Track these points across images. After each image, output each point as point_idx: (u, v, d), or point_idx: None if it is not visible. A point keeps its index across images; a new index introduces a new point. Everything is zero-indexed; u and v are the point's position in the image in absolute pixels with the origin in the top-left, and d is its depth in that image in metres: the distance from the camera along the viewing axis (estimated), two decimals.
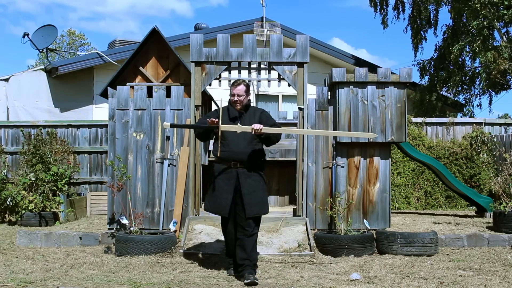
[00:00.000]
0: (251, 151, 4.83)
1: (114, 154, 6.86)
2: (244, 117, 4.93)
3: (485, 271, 5.00)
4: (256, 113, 5.00)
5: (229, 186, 4.81)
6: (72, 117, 11.34)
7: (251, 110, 5.02)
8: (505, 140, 9.87)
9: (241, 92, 4.92)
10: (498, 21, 12.29)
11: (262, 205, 4.85)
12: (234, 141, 4.82)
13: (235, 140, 4.82)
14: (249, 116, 4.94)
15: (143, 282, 4.60)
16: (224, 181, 4.84)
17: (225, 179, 4.84)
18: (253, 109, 5.07)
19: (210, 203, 4.93)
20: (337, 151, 6.87)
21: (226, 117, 4.91)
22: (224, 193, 4.82)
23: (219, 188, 4.85)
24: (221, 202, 4.82)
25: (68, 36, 27.75)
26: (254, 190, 4.81)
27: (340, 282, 4.61)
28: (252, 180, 4.82)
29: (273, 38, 6.86)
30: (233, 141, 4.82)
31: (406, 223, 7.43)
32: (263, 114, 5.03)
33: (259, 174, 4.90)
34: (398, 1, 15.31)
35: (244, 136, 4.82)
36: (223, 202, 4.81)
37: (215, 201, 4.88)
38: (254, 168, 4.85)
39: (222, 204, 4.82)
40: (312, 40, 11.03)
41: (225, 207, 4.81)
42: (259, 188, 4.85)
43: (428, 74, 15.00)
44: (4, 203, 8.20)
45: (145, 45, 7.49)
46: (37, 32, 12.08)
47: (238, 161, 4.80)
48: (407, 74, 6.79)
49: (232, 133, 4.81)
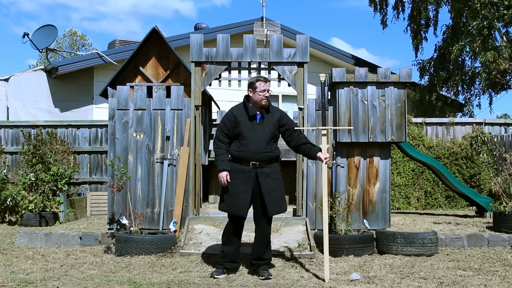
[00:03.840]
0: (270, 151, 4.84)
1: (114, 154, 6.86)
2: (266, 116, 4.88)
3: (485, 271, 4.99)
4: (275, 113, 4.94)
5: (247, 186, 4.78)
6: (72, 117, 11.34)
7: (271, 109, 4.94)
8: (505, 140, 9.87)
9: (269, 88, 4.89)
10: (498, 21, 12.29)
11: (282, 203, 4.90)
12: (254, 141, 4.78)
13: (254, 140, 4.78)
14: (271, 115, 4.90)
15: (143, 282, 4.60)
16: (242, 181, 4.78)
17: (243, 179, 4.78)
18: (272, 108, 4.98)
19: (228, 203, 4.82)
20: (337, 151, 6.87)
21: (245, 115, 4.84)
22: (242, 193, 4.77)
23: (236, 188, 4.78)
24: (239, 202, 4.76)
25: (70, 37, 27.77)
26: (274, 189, 4.82)
27: (340, 282, 4.61)
28: (271, 179, 4.83)
29: (273, 38, 6.86)
30: (252, 141, 4.78)
31: (406, 223, 7.43)
32: (283, 115, 4.99)
33: (277, 173, 4.92)
34: (397, 1, 15.32)
35: (263, 136, 4.81)
36: (242, 202, 4.76)
37: (233, 201, 4.78)
38: (272, 167, 4.87)
39: (240, 204, 4.76)
40: (312, 40, 11.04)
41: (243, 207, 4.77)
42: (278, 187, 4.88)
43: (428, 74, 15.01)
44: (4, 203, 8.20)
45: (145, 45, 7.49)
46: (37, 32, 12.09)
47: (258, 161, 4.78)
48: (407, 74, 6.79)
49: (252, 133, 4.78)
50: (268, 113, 4.90)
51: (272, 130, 4.87)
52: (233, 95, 10.53)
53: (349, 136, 6.76)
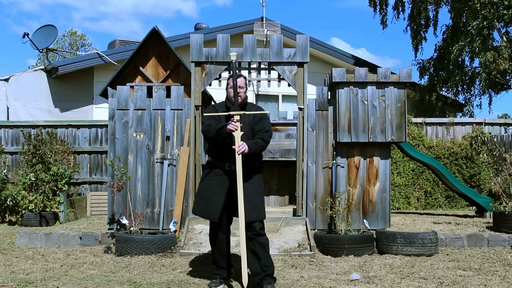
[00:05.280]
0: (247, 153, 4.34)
1: (114, 154, 6.86)
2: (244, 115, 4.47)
3: (485, 271, 4.99)
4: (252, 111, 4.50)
5: (221, 189, 4.40)
6: (72, 117, 11.34)
7: (248, 107, 4.56)
8: (505, 140, 9.87)
9: (242, 84, 4.51)
10: (498, 21, 12.29)
11: (261, 209, 4.40)
12: (229, 143, 4.37)
13: (230, 141, 4.38)
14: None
15: (143, 282, 4.60)
16: (217, 183, 4.42)
17: (218, 181, 4.42)
18: (250, 106, 4.61)
19: (199, 206, 4.49)
20: (337, 151, 6.87)
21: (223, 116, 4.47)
22: (215, 195, 4.40)
23: (210, 190, 4.43)
24: (210, 205, 4.40)
25: (70, 36, 27.78)
26: (251, 193, 4.35)
27: (340, 282, 4.61)
28: (249, 183, 4.37)
29: (273, 38, 6.86)
30: (230, 143, 4.38)
31: (406, 223, 7.44)
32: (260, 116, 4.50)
33: (256, 177, 4.46)
34: (397, 1, 15.32)
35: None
36: (213, 206, 4.39)
37: (204, 204, 4.43)
38: (250, 171, 4.40)
39: (212, 208, 4.39)
40: (312, 40, 11.04)
41: (215, 211, 4.39)
42: (256, 191, 4.41)
43: (428, 74, 15.02)
44: (4, 203, 8.21)
45: (145, 45, 7.49)
46: (37, 32, 12.08)
47: (233, 163, 4.33)
48: (407, 74, 6.79)
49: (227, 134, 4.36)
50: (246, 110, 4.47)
51: (247, 129, 4.41)
52: None
53: (349, 136, 6.76)
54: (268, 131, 4.48)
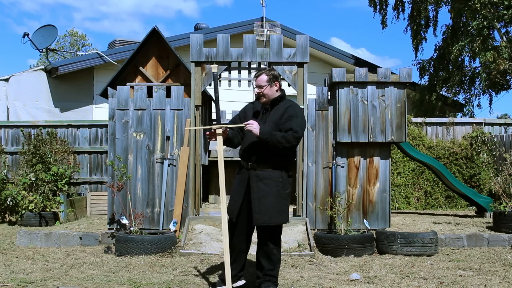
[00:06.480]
0: (266, 150, 4.11)
1: (114, 154, 6.86)
2: (269, 113, 4.24)
3: (485, 271, 5.00)
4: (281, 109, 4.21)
5: (240, 188, 4.25)
6: (72, 117, 11.35)
7: (280, 105, 4.24)
8: (505, 140, 9.87)
9: (261, 83, 4.21)
10: (498, 21, 12.30)
11: (272, 213, 4.10)
12: (249, 139, 4.20)
13: (249, 138, 4.19)
14: (275, 112, 4.22)
15: (143, 282, 4.60)
16: (238, 182, 4.30)
17: (239, 180, 4.30)
18: (283, 104, 4.26)
19: (228, 205, 4.34)
20: (337, 151, 6.87)
21: (251, 113, 4.32)
22: (235, 194, 4.29)
23: (233, 189, 4.33)
24: (232, 204, 4.29)
25: (70, 36, 27.79)
26: (264, 195, 4.11)
27: (340, 282, 4.61)
28: (264, 184, 4.13)
29: (273, 38, 6.86)
30: (248, 139, 4.22)
31: (406, 223, 7.44)
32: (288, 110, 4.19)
33: (274, 178, 4.15)
34: (397, 1, 15.33)
35: None
36: (233, 205, 4.27)
37: (229, 203, 4.32)
38: (268, 172, 4.15)
39: (232, 206, 4.28)
40: (312, 40, 11.04)
41: (233, 210, 4.26)
42: (270, 194, 4.12)
43: (428, 74, 15.03)
44: (4, 203, 8.20)
45: (145, 45, 7.49)
46: (37, 32, 12.08)
47: (250, 161, 4.19)
48: (407, 74, 6.79)
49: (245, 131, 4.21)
50: (276, 110, 4.23)
51: (272, 128, 4.14)
52: (233, 95, 10.53)
53: (349, 136, 6.76)
54: (295, 131, 4.08)
